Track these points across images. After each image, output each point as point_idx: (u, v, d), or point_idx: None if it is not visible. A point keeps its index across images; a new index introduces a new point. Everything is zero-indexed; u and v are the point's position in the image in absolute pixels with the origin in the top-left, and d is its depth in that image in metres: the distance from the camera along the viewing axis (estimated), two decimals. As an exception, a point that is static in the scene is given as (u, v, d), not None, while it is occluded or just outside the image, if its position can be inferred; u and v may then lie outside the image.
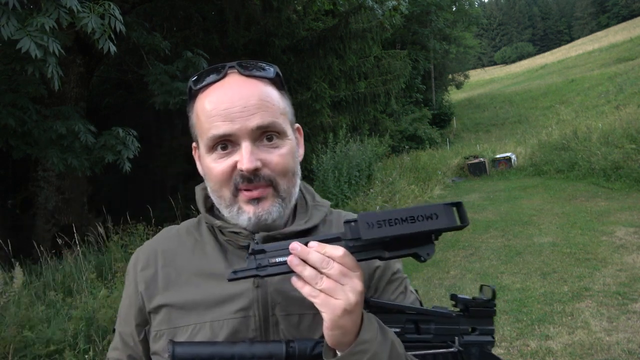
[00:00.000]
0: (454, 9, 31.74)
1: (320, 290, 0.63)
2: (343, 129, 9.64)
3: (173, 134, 10.92)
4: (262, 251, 0.68)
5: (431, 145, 21.85)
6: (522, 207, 9.17)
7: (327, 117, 9.97)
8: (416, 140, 22.42)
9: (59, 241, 4.98)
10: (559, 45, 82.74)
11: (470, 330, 0.85)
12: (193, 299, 0.79)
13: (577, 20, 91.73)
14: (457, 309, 0.86)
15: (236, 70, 0.79)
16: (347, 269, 0.63)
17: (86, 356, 3.12)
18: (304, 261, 0.63)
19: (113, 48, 4.13)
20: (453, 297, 0.87)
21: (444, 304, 0.87)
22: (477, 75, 61.37)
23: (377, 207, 8.29)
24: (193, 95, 0.81)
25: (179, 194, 7.82)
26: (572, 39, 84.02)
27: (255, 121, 0.75)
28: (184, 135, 10.87)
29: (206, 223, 0.87)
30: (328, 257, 0.63)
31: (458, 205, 0.65)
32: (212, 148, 0.77)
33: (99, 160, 5.56)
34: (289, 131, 0.81)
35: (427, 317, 0.83)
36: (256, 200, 0.77)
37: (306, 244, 0.66)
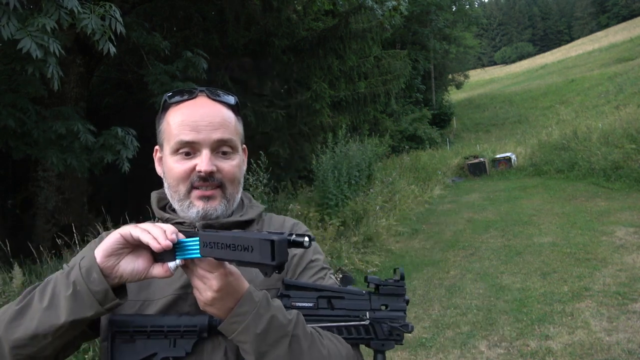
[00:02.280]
0: (454, 9, 31.72)
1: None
2: (343, 129, 9.63)
3: (173, 134, 10.90)
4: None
5: (431, 145, 21.85)
6: (522, 207, 9.17)
7: (327, 117, 9.96)
8: (416, 140, 22.41)
9: (59, 241, 4.98)
10: (559, 45, 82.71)
11: (383, 307, 0.95)
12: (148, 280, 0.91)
13: (577, 20, 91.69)
14: (371, 289, 0.97)
15: (205, 94, 0.97)
16: (205, 271, 0.76)
17: (86, 356, 3.12)
18: None
19: (113, 49, 4.13)
20: (365, 278, 0.97)
21: (444, 304, 0.91)
22: (477, 75, 61.36)
23: (377, 208, 8.29)
24: (166, 107, 0.98)
25: (179, 194, 7.78)
26: (572, 39, 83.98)
27: (217, 135, 0.93)
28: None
29: (157, 218, 1.03)
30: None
31: (272, 242, 0.64)
32: (176, 151, 0.93)
33: (99, 160, 5.55)
34: (239, 149, 1.00)
35: (339, 294, 0.94)
36: (207, 198, 0.94)
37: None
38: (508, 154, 14.59)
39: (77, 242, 4.84)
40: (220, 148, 0.94)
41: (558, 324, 3.96)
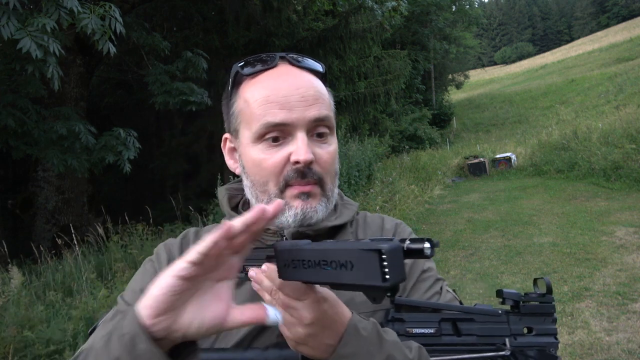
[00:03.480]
0: (454, 9, 31.73)
1: None
2: (343, 129, 9.63)
3: (173, 134, 10.92)
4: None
5: (431, 145, 21.85)
6: (522, 207, 9.17)
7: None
8: (416, 140, 22.40)
9: (59, 241, 4.98)
10: (559, 45, 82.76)
11: (525, 330, 0.74)
12: None
13: (577, 20, 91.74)
14: (506, 307, 0.76)
15: (287, 61, 0.76)
16: (290, 299, 0.56)
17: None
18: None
19: (113, 49, 4.13)
20: (499, 292, 0.76)
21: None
22: (477, 75, 61.39)
23: (377, 208, 8.29)
24: (238, 81, 0.77)
25: (178, 194, 7.82)
26: (572, 39, 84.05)
27: (313, 112, 0.71)
28: (184, 135, 10.87)
29: None
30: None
31: (380, 253, 0.43)
32: (261, 137, 0.72)
33: (99, 161, 5.56)
34: (335, 130, 0.79)
35: (467, 315, 0.72)
36: (306, 195, 0.72)
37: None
38: (508, 154, 14.59)
39: (77, 242, 4.84)
40: (315, 130, 0.73)
41: (558, 324, 3.95)
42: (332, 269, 0.48)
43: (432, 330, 0.71)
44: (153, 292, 0.50)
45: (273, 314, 0.52)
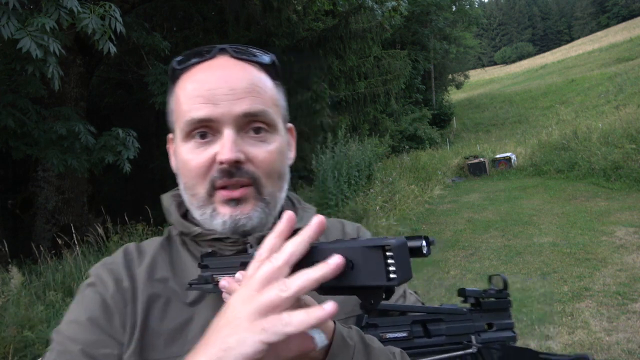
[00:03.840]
0: (454, 9, 31.74)
1: None
2: (343, 129, 9.64)
3: (173, 134, 10.90)
4: (206, 266, 0.62)
5: (431, 145, 21.84)
6: (522, 207, 9.17)
7: (327, 117, 9.97)
8: (416, 140, 22.40)
9: (59, 241, 4.99)
10: (559, 45, 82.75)
11: (486, 327, 0.76)
12: (178, 327, 0.66)
13: (577, 20, 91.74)
14: (468, 305, 0.77)
15: (228, 53, 0.69)
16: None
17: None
18: None
19: (113, 49, 4.13)
20: (461, 291, 0.78)
21: (445, 303, 0.81)
22: (477, 75, 61.38)
23: (377, 208, 8.29)
24: (175, 77, 0.71)
25: (179, 194, 7.78)
26: (572, 39, 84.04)
27: (242, 106, 0.64)
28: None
29: (181, 234, 0.74)
30: None
31: (383, 249, 0.41)
32: (188, 135, 0.66)
33: (99, 161, 5.56)
34: (280, 126, 0.70)
35: (435, 316, 0.73)
36: (235, 202, 0.65)
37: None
38: (508, 154, 14.59)
39: (77, 242, 4.84)
40: (250, 126, 0.66)
41: (558, 324, 3.96)
42: None
43: (404, 334, 0.71)
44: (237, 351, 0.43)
45: (319, 338, 0.47)
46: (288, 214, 0.48)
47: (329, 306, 0.41)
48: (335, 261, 0.42)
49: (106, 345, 0.63)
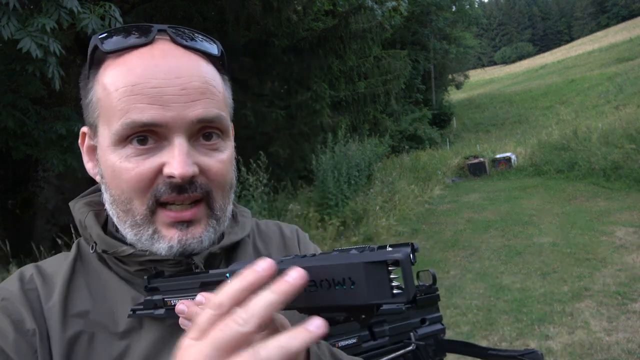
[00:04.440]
0: (454, 9, 31.74)
1: None
2: (343, 129, 9.64)
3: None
4: (156, 289, 0.55)
5: (431, 145, 21.85)
6: (522, 207, 9.17)
7: (327, 117, 9.98)
8: (416, 140, 22.41)
9: (59, 241, 4.99)
10: (559, 45, 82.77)
11: (420, 322, 0.77)
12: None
13: (577, 20, 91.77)
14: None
15: (168, 37, 0.57)
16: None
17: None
18: None
19: (113, 48, 4.13)
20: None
21: (444, 304, 0.82)
22: (477, 75, 61.36)
23: (377, 208, 8.29)
24: (98, 60, 0.57)
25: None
26: (572, 39, 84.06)
27: (197, 110, 0.54)
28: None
29: (102, 252, 0.61)
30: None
31: (386, 265, 0.38)
32: (124, 140, 0.54)
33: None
34: (230, 131, 0.61)
35: (379, 318, 0.72)
36: (185, 224, 0.56)
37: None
38: (508, 154, 14.59)
39: (77, 242, 4.85)
40: (200, 132, 0.56)
41: (558, 324, 3.96)
42: (321, 289, 0.40)
43: (354, 340, 0.70)
44: None
45: None
46: (267, 263, 0.38)
47: (316, 325, 0.35)
48: (295, 275, 0.36)
49: None
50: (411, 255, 0.39)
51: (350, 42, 8.97)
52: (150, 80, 0.53)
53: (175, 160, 0.52)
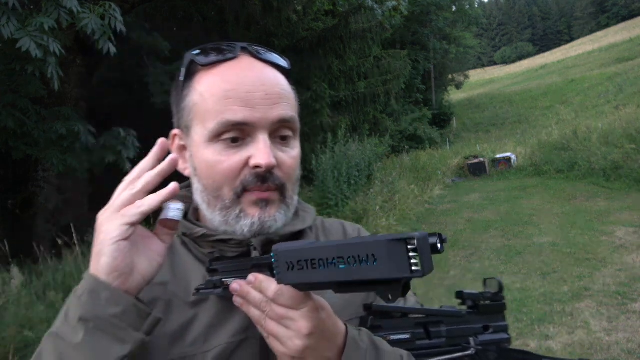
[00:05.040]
0: (454, 9, 31.75)
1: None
2: (343, 129, 9.64)
3: (173, 134, 10.90)
4: (216, 271, 0.63)
5: (431, 145, 21.85)
6: (522, 207, 9.17)
7: (327, 117, 9.98)
8: (416, 140, 22.41)
9: (59, 241, 4.99)
10: (559, 45, 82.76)
11: (483, 329, 0.77)
12: (180, 328, 0.66)
13: (577, 20, 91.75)
14: (465, 307, 0.78)
15: (249, 53, 0.69)
16: (287, 309, 0.53)
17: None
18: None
19: (113, 49, 4.13)
20: (459, 294, 0.78)
21: (444, 304, 0.82)
22: (477, 75, 61.36)
23: (377, 208, 8.29)
24: (193, 71, 0.69)
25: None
26: (572, 39, 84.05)
27: (278, 112, 0.65)
28: (184, 135, 10.85)
29: (183, 235, 0.73)
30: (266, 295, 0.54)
31: (409, 239, 0.42)
32: (217, 136, 0.64)
33: (99, 161, 5.56)
34: (298, 133, 0.72)
35: (436, 318, 0.74)
36: (264, 202, 0.65)
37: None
38: (508, 154, 14.59)
39: (77, 242, 4.84)
40: (278, 132, 0.67)
41: (558, 324, 3.96)
42: (348, 265, 0.45)
43: (407, 336, 0.71)
44: (105, 245, 0.54)
45: (174, 213, 0.59)
46: (161, 142, 0.59)
47: (172, 185, 0.56)
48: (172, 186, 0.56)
49: None
50: (439, 245, 0.44)
51: (350, 42, 8.98)
52: (241, 87, 0.64)
53: (262, 152, 0.63)
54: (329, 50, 8.92)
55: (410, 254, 0.42)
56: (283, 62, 0.72)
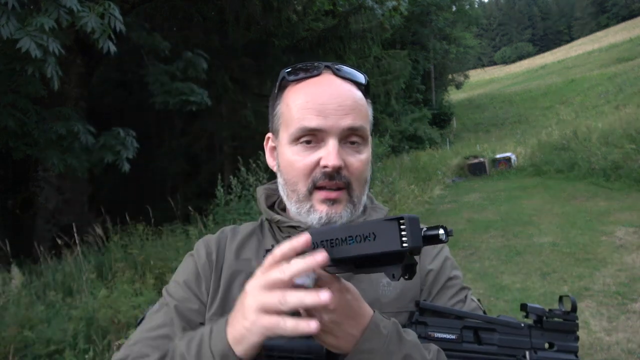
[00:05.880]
0: (454, 9, 31.74)
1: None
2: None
3: (173, 134, 10.92)
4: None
5: (431, 145, 21.84)
6: (522, 207, 9.17)
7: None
8: (416, 140, 22.41)
9: (59, 241, 4.98)
10: (559, 45, 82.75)
11: (546, 346, 0.75)
12: None
13: (577, 20, 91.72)
14: (530, 320, 0.77)
15: (330, 71, 0.81)
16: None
17: (86, 356, 3.12)
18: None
19: (113, 48, 4.13)
20: (523, 306, 0.78)
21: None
22: (477, 75, 61.33)
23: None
24: (283, 86, 0.83)
25: (178, 194, 7.82)
26: (572, 39, 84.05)
27: (347, 121, 0.76)
28: (184, 135, 10.86)
29: (266, 219, 0.89)
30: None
31: (400, 219, 0.50)
32: (296, 140, 0.78)
33: (99, 160, 5.56)
34: (369, 140, 0.83)
35: (490, 325, 0.74)
36: (331, 202, 0.77)
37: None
38: (508, 154, 14.58)
39: (77, 242, 4.84)
40: (349, 138, 0.78)
41: (558, 324, 3.96)
42: (356, 242, 0.54)
43: (453, 336, 0.73)
44: (248, 339, 0.59)
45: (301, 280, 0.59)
46: (305, 238, 0.57)
47: (325, 295, 0.53)
48: (319, 256, 0.54)
49: (194, 302, 0.81)
50: (444, 235, 0.50)
51: (350, 42, 8.97)
52: (318, 99, 0.77)
53: (330, 155, 0.75)
54: (329, 50, 8.91)
55: (402, 233, 0.49)
56: (360, 78, 0.83)
